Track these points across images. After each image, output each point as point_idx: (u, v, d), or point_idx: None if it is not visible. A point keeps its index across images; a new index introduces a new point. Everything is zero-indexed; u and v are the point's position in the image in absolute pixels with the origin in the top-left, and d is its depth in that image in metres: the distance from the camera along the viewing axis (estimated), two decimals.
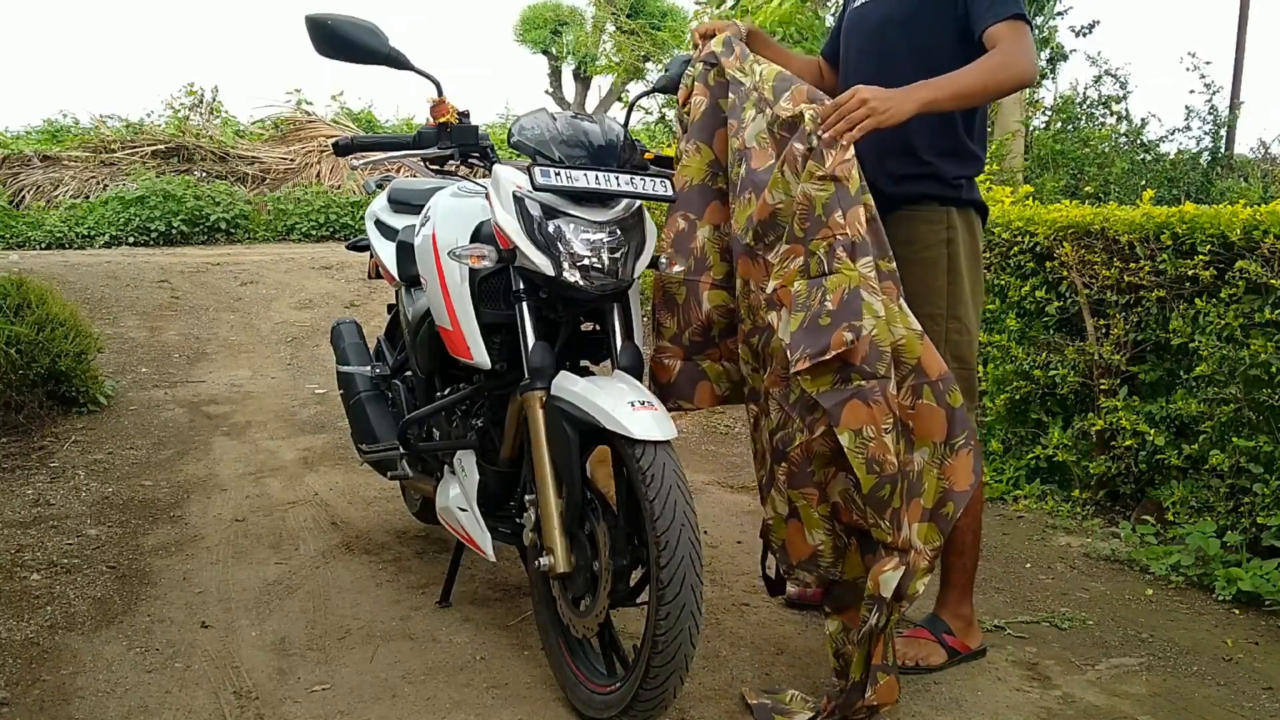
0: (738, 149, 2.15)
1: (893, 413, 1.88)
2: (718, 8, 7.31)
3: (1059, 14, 6.66)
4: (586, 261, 2.07)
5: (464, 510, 2.38)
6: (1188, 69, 6.22)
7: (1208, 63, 7.03)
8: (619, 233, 2.11)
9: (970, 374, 2.28)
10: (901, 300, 1.96)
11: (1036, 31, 6.35)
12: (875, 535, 1.96)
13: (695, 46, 2.35)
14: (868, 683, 1.96)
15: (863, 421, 1.87)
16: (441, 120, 2.31)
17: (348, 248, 3.41)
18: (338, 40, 2.15)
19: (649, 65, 12.10)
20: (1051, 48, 6.76)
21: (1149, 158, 6.35)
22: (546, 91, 16.77)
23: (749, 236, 2.10)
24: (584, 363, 2.35)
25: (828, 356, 1.86)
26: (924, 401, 1.93)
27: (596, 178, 2.06)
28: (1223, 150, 6.58)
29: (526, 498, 2.21)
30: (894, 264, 1.97)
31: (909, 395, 1.93)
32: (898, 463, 1.89)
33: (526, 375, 2.12)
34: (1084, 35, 6.61)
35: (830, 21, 6.72)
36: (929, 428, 1.94)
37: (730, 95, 2.21)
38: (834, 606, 2.10)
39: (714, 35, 2.30)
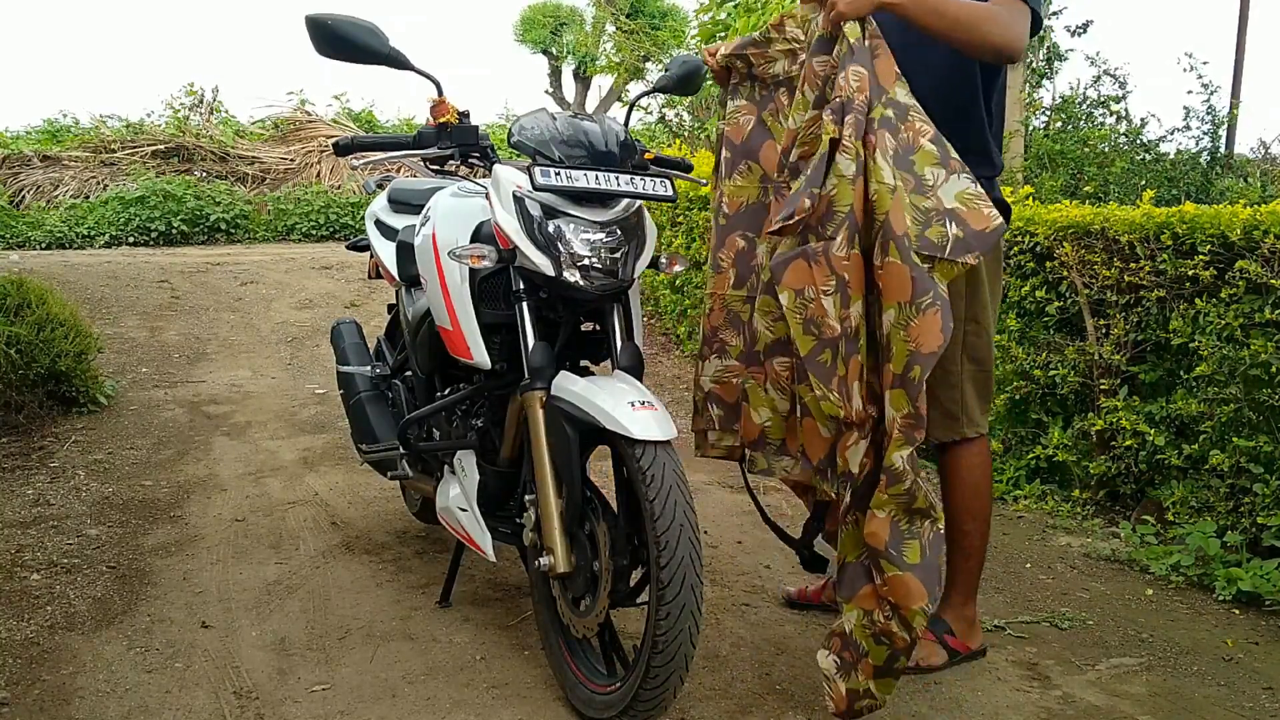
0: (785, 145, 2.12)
1: (836, 274, 1.85)
2: (718, 7, 7.31)
3: (1054, 14, 6.66)
4: (586, 261, 2.07)
5: (464, 510, 2.38)
6: (1184, 69, 6.23)
7: (1204, 63, 7.09)
8: (619, 233, 2.11)
9: (986, 376, 2.28)
10: (882, 155, 1.86)
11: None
12: (826, 410, 1.92)
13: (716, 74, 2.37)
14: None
15: (804, 282, 1.86)
16: (441, 120, 2.31)
17: (348, 248, 3.41)
18: (338, 40, 2.15)
19: (649, 65, 12.10)
20: (1048, 48, 6.75)
21: (1149, 158, 6.35)
22: (546, 91, 16.78)
23: (781, 174, 2.06)
24: (584, 363, 2.35)
25: (792, 222, 1.86)
26: (890, 259, 1.85)
27: (596, 178, 2.06)
28: (1223, 150, 6.58)
29: (526, 498, 2.21)
30: (891, 109, 1.88)
31: (879, 254, 1.87)
32: (839, 327, 1.87)
33: (526, 375, 2.12)
34: (1079, 35, 6.62)
35: None
36: (895, 287, 1.85)
37: (771, 100, 2.21)
38: (846, 594, 2.04)
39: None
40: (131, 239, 9.64)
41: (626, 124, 2.30)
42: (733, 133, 2.38)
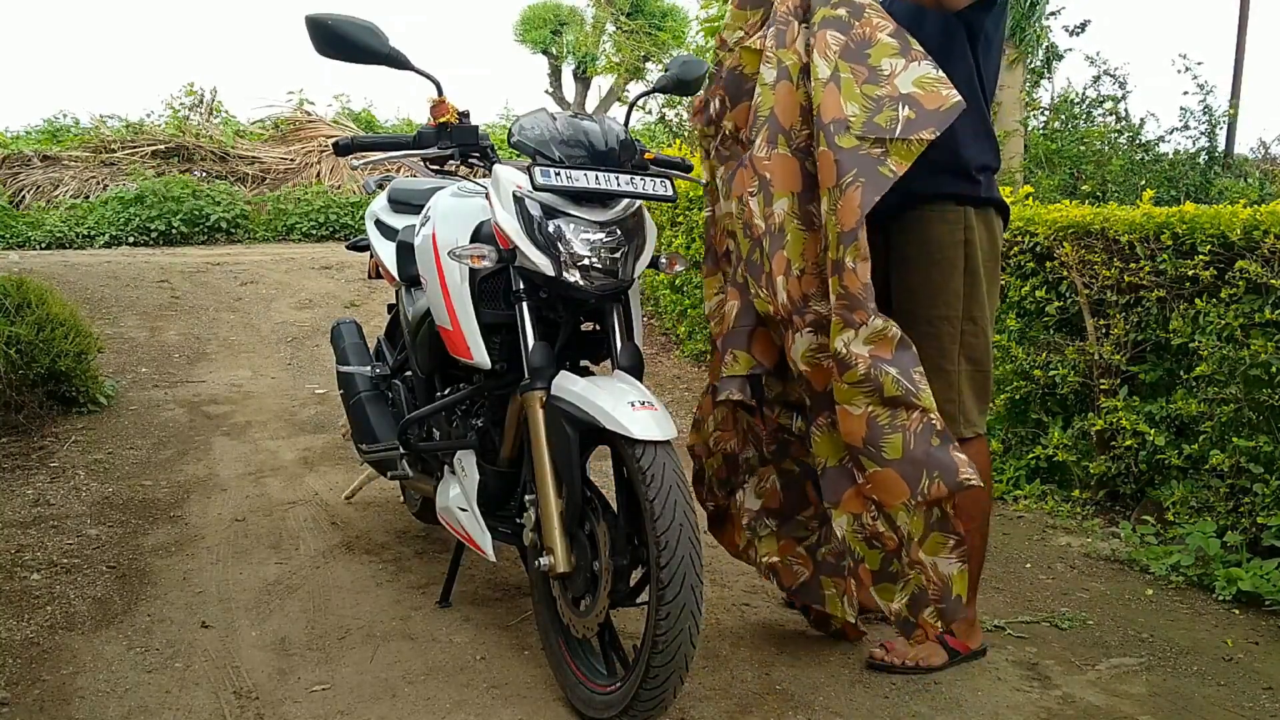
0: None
1: (758, 174, 1.94)
2: (721, 5, 7.31)
3: (1052, 14, 6.68)
4: (586, 261, 2.07)
5: (464, 510, 2.38)
6: (1179, 71, 6.24)
7: (1199, 63, 7.13)
8: (619, 233, 2.11)
9: (984, 376, 2.27)
10: (820, 54, 1.90)
11: (1033, 32, 6.35)
12: (759, 307, 2.02)
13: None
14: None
15: (742, 188, 1.95)
16: (441, 120, 2.31)
17: (348, 248, 3.41)
18: (338, 40, 2.15)
19: (649, 65, 12.10)
20: (1046, 47, 6.76)
21: (1148, 158, 6.35)
22: (546, 91, 16.77)
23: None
24: (584, 363, 2.35)
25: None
26: (820, 148, 1.89)
27: (596, 178, 2.05)
28: (1222, 150, 6.58)
29: (526, 498, 2.21)
30: (844, 9, 1.92)
31: (815, 147, 1.92)
32: (763, 225, 1.94)
33: (526, 375, 2.12)
34: (1076, 34, 6.64)
35: None
36: (824, 174, 1.89)
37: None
38: (831, 499, 2.04)
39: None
40: (131, 239, 9.64)
41: (626, 124, 2.30)
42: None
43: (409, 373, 2.81)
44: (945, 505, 1.91)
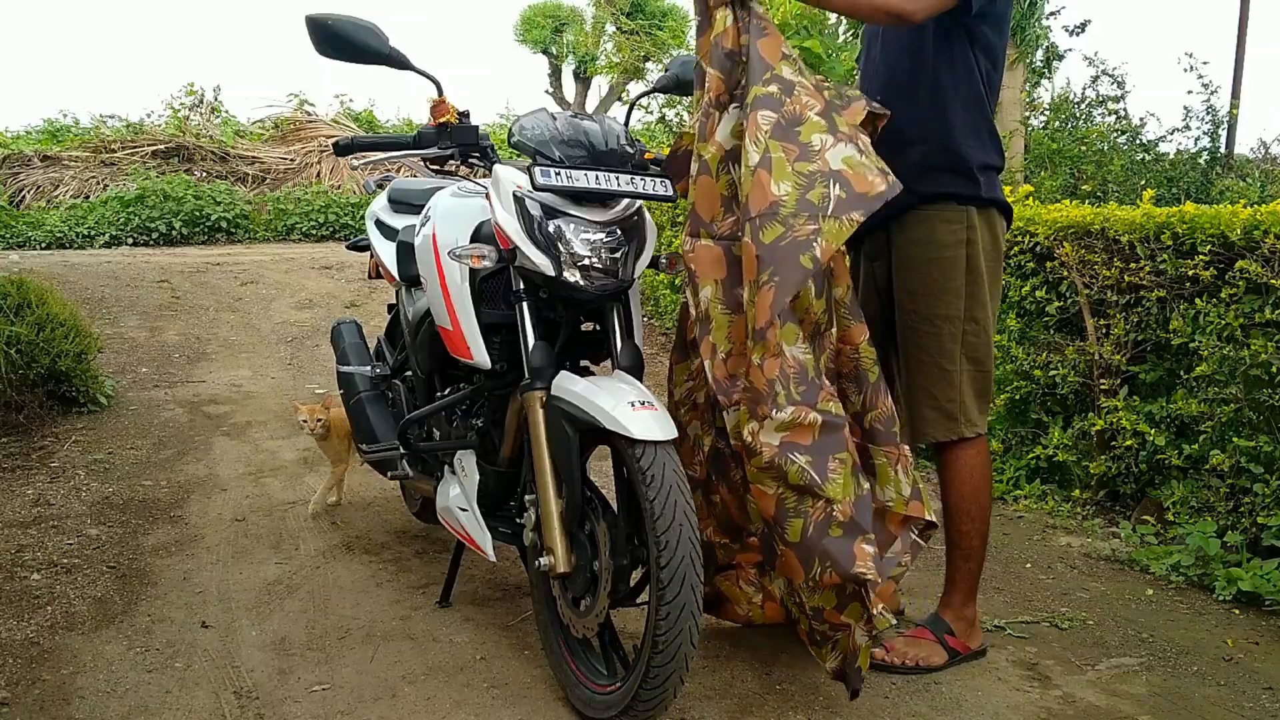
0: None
1: (686, 267, 2.05)
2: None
3: (1052, 14, 6.68)
4: (587, 261, 2.07)
5: (464, 510, 2.38)
6: (1185, 70, 6.24)
7: (1205, 63, 7.11)
8: (619, 232, 2.11)
9: (985, 376, 2.27)
10: (751, 139, 1.92)
11: (1033, 32, 6.35)
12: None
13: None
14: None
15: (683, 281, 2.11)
16: (442, 120, 2.31)
17: (348, 248, 3.41)
18: (338, 40, 2.15)
19: (649, 65, 12.09)
20: (1046, 48, 6.76)
21: (1148, 158, 6.35)
22: (546, 91, 16.78)
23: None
24: (584, 363, 2.35)
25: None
26: (744, 239, 1.91)
27: (597, 178, 2.05)
28: (1223, 150, 6.58)
29: (526, 498, 2.21)
30: (775, 85, 1.95)
31: (740, 232, 1.96)
32: (693, 313, 2.06)
33: (526, 375, 2.12)
34: (1077, 34, 6.64)
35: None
36: (747, 265, 1.91)
37: None
38: (767, 561, 2.11)
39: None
40: (131, 239, 9.63)
41: (626, 124, 2.30)
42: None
43: (409, 373, 2.81)
44: (856, 587, 1.95)
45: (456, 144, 2.29)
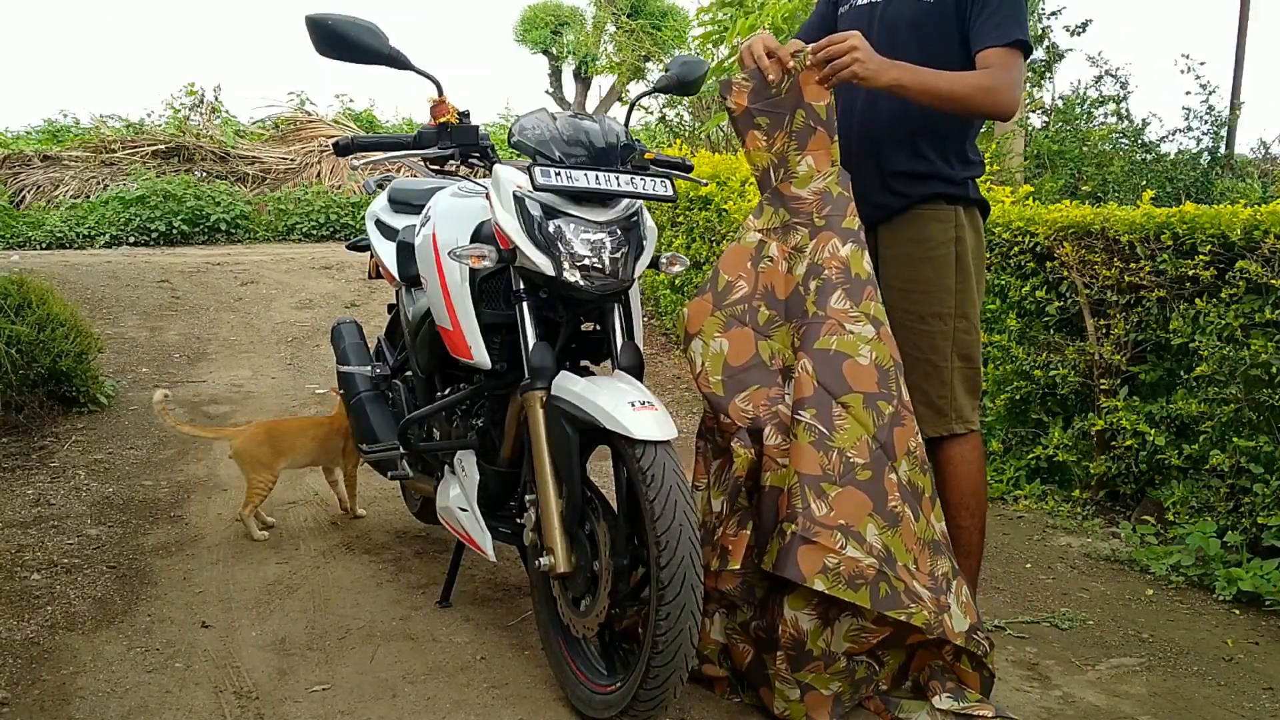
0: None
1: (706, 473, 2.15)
2: (717, 8, 7.31)
3: (1052, 14, 6.67)
4: (587, 261, 2.06)
5: (464, 510, 2.38)
6: (1182, 71, 6.24)
7: (1202, 63, 7.11)
8: (619, 233, 2.11)
9: (975, 372, 2.28)
10: (785, 325, 2.05)
11: (1033, 32, 6.35)
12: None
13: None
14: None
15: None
16: (442, 120, 2.30)
17: (348, 248, 3.41)
18: (338, 40, 2.15)
19: (649, 65, 12.09)
20: (1047, 48, 6.76)
21: (1149, 158, 6.35)
22: (546, 91, 16.78)
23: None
24: (584, 363, 2.35)
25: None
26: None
27: (596, 178, 2.05)
28: (1223, 150, 6.58)
29: (527, 498, 2.21)
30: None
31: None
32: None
33: (527, 375, 2.12)
34: (1078, 34, 6.63)
35: None
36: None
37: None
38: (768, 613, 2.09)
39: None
40: (132, 239, 9.64)
41: (626, 124, 2.30)
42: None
43: (409, 373, 2.81)
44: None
45: (456, 144, 2.29)
